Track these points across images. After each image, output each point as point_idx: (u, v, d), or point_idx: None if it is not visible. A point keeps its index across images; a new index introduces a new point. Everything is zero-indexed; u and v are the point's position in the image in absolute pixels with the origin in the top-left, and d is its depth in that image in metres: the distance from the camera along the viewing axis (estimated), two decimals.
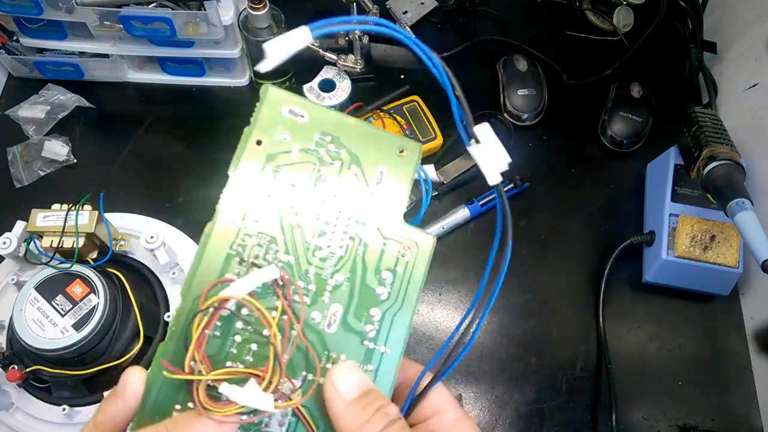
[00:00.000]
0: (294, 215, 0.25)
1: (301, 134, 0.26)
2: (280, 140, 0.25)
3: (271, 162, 0.25)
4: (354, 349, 0.24)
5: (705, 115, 0.61)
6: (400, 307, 0.25)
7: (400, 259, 0.25)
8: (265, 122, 0.26)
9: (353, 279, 0.25)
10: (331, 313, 0.24)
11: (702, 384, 0.62)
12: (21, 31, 0.66)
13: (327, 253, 0.25)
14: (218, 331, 0.23)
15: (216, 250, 0.24)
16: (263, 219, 0.25)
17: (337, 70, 0.70)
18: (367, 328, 0.25)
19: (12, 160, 0.67)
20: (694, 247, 0.60)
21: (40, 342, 0.48)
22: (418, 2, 0.80)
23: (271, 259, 0.24)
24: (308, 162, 0.25)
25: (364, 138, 0.26)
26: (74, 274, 0.51)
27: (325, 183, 0.25)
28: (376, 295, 0.25)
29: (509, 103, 0.73)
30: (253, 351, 0.23)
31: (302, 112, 0.26)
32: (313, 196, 0.25)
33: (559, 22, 0.81)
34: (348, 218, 0.25)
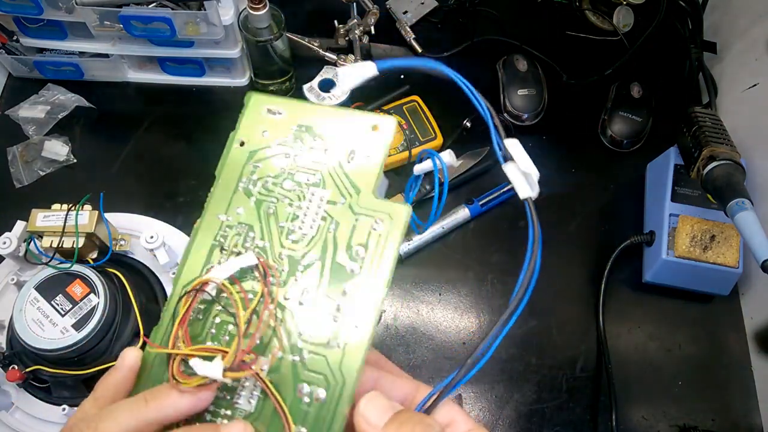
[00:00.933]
0: (270, 203, 0.27)
1: (279, 129, 0.28)
2: (260, 138, 0.28)
3: (252, 159, 0.27)
4: (324, 325, 0.25)
5: (705, 115, 0.61)
6: (372, 281, 0.25)
7: (372, 232, 0.26)
8: (247, 124, 0.28)
9: (324, 257, 0.26)
10: (302, 292, 0.25)
11: (702, 384, 0.62)
12: (21, 31, 0.66)
13: (300, 235, 0.26)
14: (200, 314, 0.25)
15: (202, 242, 0.26)
16: (243, 210, 0.27)
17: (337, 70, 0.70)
18: (337, 304, 0.25)
19: (12, 160, 0.67)
20: (694, 247, 0.60)
21: (40, 342, 0.48)
22: (418, 2, 0.80)
23: (249, 246, 0.26)
24: (285, 153, 0.27)
25: (338, 121, 0.28)
26: (74, 274, 0.51)
27: (300, 171, 0.27)
28: (347, 271, 0.25)
29: (509, 103, 0.73)
30: (229, 331, 0.25)
31: (280, 110, 0.28)
32: (288, 184, 0.27)
33: (559, 22, 0.81)
34: (320, 199, 0.26)
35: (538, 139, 0.73)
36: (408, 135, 0.69)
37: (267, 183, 0.27)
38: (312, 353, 0.24)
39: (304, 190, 0.27)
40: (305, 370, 0.24)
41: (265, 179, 0.27)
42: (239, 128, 0.28)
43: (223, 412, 0.24)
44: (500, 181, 0.68)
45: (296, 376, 0.24)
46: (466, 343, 0.62)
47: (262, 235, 0.26)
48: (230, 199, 0.27)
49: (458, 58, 0.77)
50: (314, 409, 0.24)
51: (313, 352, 0.24)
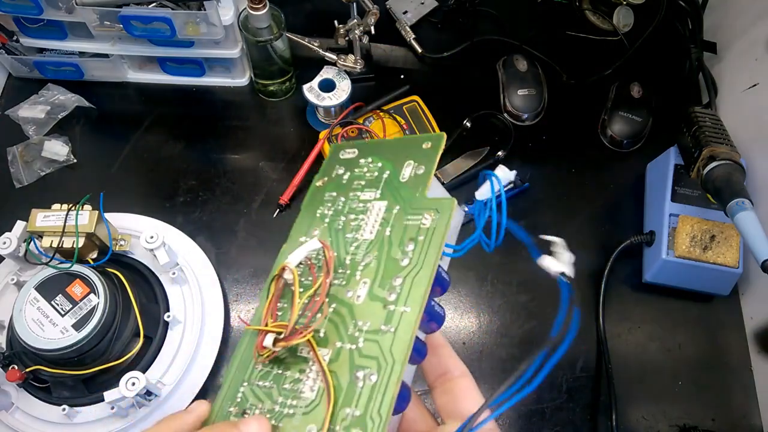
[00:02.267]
0: (340, 220, 0.31)
1: (351, 164, 0.33)
2: (337, 175, 0.33)
3: (329, 190, 0.33)
4: (377, 315, 0.26)
5: (705, 115, 0.61)
6: (420, 269, 0.27)
7: (421, 228, 0.28)
8: (327, 167, 0.34)
9: (380, 256, 0.28)
10: (360, 287, 0.28)
11: (702, 384, 0.62)
12: (21, 31, 0.66)
13: (361, 242, 0.29)
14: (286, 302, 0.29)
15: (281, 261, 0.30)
16: (319, 230, 0.31)
17: (337, 70, 0.70)
18: (389, 294, 0.27)
19: (12, 160, 0.67)
20: (694, 247, 0.60)
21: (40, 342, 0.48)
22: (418, 2, 0.80)
23: (322, 257, 0.30)
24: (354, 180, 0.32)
25: (398, 146, 0.32)
26: (74, 274, 0.51)
27: (365, 190, 0.31)
28: (399, 264, 0.27)
29: (509, 103, 0.73)
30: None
31: (353, 150, 0.34)
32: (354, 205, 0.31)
33: (559, 22, 0.81)
34: (378, 209, 0.30)
35: (538, 139, 0.73)
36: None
37: (338, 206, 0.32)
38: (367, 341, 0.26)
39: (368, 205, 0.31)
40: (360, 356, 0.26)
41: (337, 203, 0.32)
42: (321, 171, 0.34)
43: (289, 402, 0.26)
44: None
45: (352, 363, 0.26)
46: (466, 343, 0.62)
47: (332, 248, 0.30)
48: (309, 224, 0.32)
49: (458, 58, 0.77)
50: (366, 390, 0.25)
51: (368, 339, 0.26)
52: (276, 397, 0.27)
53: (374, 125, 0.69)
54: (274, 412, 0.26)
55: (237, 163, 0.69)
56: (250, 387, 0.28)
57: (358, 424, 0.25)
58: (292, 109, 0.73)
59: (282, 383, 0.27)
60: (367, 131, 0.68)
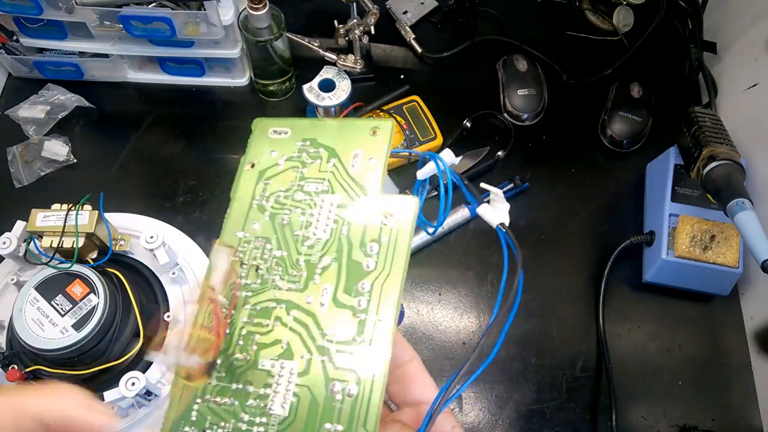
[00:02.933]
0: (284, 215, 0.28)
1: (285, 147, 0.30)
2: (268, 158, 0.30)
3: (263, 177, 0.29)
4: (347, 323, 0.25)
5: (705, 115, 0.61)
6: (389, 274, 0.26)
7: (383, 228, 0.27)
8: (255, 147, 0.30)
9: (340, 258, 0.27)
10: (321, 293, 0.26)
11: (702, 384, 0.62)
12: (21, 31, 0.66)
13: (314, 240, 0.27)
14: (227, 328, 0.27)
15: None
16: (259, 225, 0.28)
17: (337, 70, 0.70)
18: (357, 301, 0.26)
19: (12, 160, 0.67)
20: (694, 247, 0.60)
21: (40, 342, 0.48)
22: (418, 2, 0.80)
23: (267, 257, 0.27)
24: (293, 167, 0.29)
25: (340, 131, 0.29)
26: (74, 274, 0.51)
27: (309, 180, 0.29)
28: (364, 268, 0.26)
29: (509, 103, 0.73)
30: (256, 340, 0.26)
31: (284, 129, 0.30)
32: (298, 196, 0.28)
33: (559, 22, 0.81)
34: (330, 204, 0.28)
35: (538, 139, 0.73)
36: (408, 135, 0.69)
37: (279, 197, 0.29)
38: (339, 351, 0.25)
39: (315, 198, 0.28)
40: (335, 368, 0.25)
41: (277, 194, 0.29)
42: (248, 152, 0.30)
43: (258, 420, 0.25)
44: (500, 181, 0.68)
45: (327, 376, 0.25)
46: (466, 343, 0.62)
47: (279, 245, 0.28)
48: (246, 216, 0.29)
49: (458, 58, 0.77)
50: (347, 405, 0.24)
51: (341, 350, 0.25)
52: (241, 415, 0.25)
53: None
54: (241, 430, 0.25)
55: (237, 163, 0.68)
56: (205, 404, 0.25)
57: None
58: (292, 109, 0.74)
59: (245, 400, 0.25)
60: None
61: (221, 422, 0.25)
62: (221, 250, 0.28)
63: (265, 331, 0.26)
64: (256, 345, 0.26)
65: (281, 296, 0.26)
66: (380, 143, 0.29)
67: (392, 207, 0.27)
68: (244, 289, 0.27)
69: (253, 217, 0.29)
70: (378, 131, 0.29)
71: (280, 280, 0.27)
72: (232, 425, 0.25)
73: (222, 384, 0.25)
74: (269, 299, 0.26)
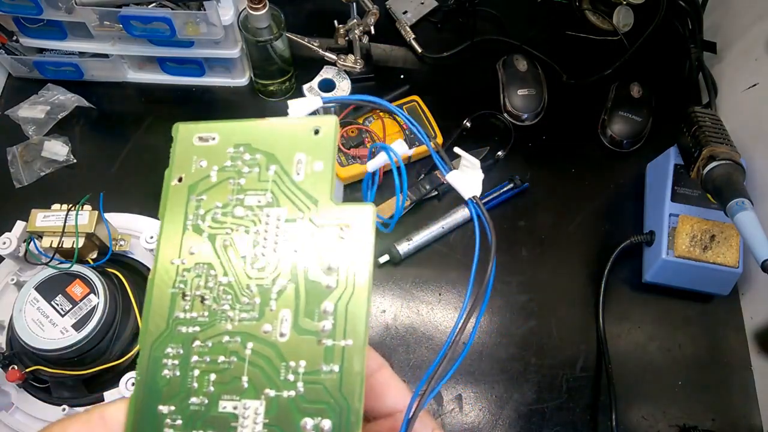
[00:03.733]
0: (225, 234, 0.25)
1: (215, 155, 0.26)
2: (197, 170, 0.26)
3: (194, 192, 0.26)
4: (312, 352, 0.23)
5: (705, 115, 0.61)
6: (353, 291, 0.23)
7: (340, 241, 0.24)
8: (180, 158, 0.27)
9: (296, 278, 0.24)
10: (281, 320, 0.24)
11: (702, 384, 0.62)
12: (21, 31, 0.66)
13: (264, 262, 0.24)
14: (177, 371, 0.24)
15: (161, 294, 0.25)
16: (197, 248, 0.25)
17: (337, 70, 0.70)
18: (321, 325, 0.23)
19: (12, 160, 0.67)
20: (694, 247, 0.60)
21: (40, 342, 0.48)
22: (418, 2, 0.80)
23: (212, 285, 0.25)
24: (228, 179, 0.26)
25: (276, 133, 0.26)
26: (74, 274, 0.51)
27: (248, 193, 0.25)
28: (324, 287, 0.24)
29: (509, 103, 0.73)
30: (212, 380, 0.24)
31: (211, 135, 0.27)
32: (239, 212, 0.25)
33: (559, 22, 0.81)
34: (277, 219, 0.25)
35: (538, 139, 0.73)
36: (408, 135, 0.69)
37: (216, 215, 0.25)
38: (307, 383, 0.23)
39: (258, 213, 0.25)
40: (304, 403, 0.23)
41: (213, 211, 0.25)
42: (173, 164, 0.27)
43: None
44: (500, 181, 0.68)
45: (296, 413, 0.23)
46: (466, 343, 0.62)
47: (224, 271, 0.25)
48: (180, 240, 0.25)
49: (458, 58, 0.77)
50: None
51: (308, 381, 0.23)
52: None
53: (374, 125, 0.69)
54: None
55: None
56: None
57: None
58: None
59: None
60: (367, 131, 0.68)
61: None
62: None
63: (221, 369, 0.23)
64: (213, 386, 0.23)
65: (235, 328, 0.24)
66: (325, 144, 0.25)
67: (348, 218, 0.24)
68: (191, 324, 0.24)
69: (189, 240, 0.25)
70: (321, 130, 0.26)
71: (230, 310, 0.24)
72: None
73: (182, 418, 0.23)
74: (221, 333, 0.24)
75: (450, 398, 0.59)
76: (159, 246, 0.25)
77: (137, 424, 0.23)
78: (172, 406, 0.23)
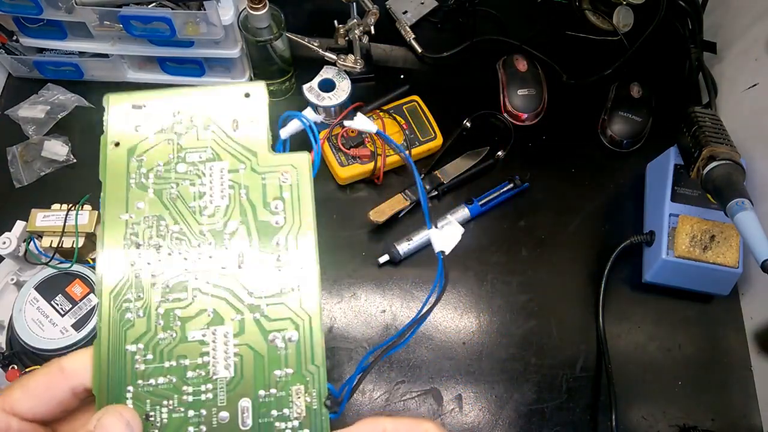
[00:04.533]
0: (170, 188, 0.27)
1: (151, 120, 0.28)
2: (134, 134, 0.28)
3: (134, 154, 0.28)
4: (271, 278, 0.26)
5: (705, 115, 0.61)
6: (300, 225, 0.27)
7: (283, 185, 0.27)
8: (115, 124, 0.29)
9: (246, 220, 0.27)
10: (237, 256, 0.26)
11: (702, 384, 0.62)
12: (21, 31, 0.66)
13: (213, 209, 0.27)
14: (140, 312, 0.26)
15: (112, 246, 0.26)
16: (144, 203, 0.27)
17: (337, 70, 0.70)
18: (275, 257, 0.26)
19: (12, 160, 0.67)
20: (693, 247, 0.60)
21: (40, 342, 0.48)
22: (418, 2, 0.80)
23: (164, 234, 0.27)
24: (166, 140, 0.28)
25: (209, 99, 0.29)
26: (74, 274, 0.51)
27: (188, 150, 0.28)
28: (273, 224, 0.27)
29: (509, 103, 0.73)
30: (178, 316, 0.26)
31: (143, 102, 0.29)
32: (181, 167, 0.28)
33: (559, 22, 0.81)
34: (220, 170, 0.27)
35: (538, 139, 0.73)
36: (408, 135, 0.69)
37: (159, 172, 0.27)
38: (270, 305, 0.26)
39: (201, 167, 0.27)
40: (269, 321, 0.26)
41: (156, 169, 0.27)
42: (107, 131, 0.28)
43: (204, 387, 0.25)
44: (500, 181, 0.68)
45: (264, 330, 0.26)
46: (466, 343, 0.62)
47: (174, 220, 0.27)
48: (126, 197, 0.27)
49: (458, 58, 0.77)
50: (292, 350, 0.25)
51: (271, 303, 0.26)
52: (183, 388, 0.25)
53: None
54: (188, 402, 0.25)
55: None
56: (139, 389, 0.25)
57: (295, 380, 0.25)
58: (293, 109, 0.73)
59: (184, 374, 0.25)
60: None
61: (163, 401, 0.25)
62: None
63: (185, 305, 0.26)
64: (179, 320, 0.26)
65: (192, 267, 0.26)
66: (258, 105, 0.29)
67: (286, 164, 0.28)
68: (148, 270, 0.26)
69: (135, 196, 0.27)
70: (252, 95, 0.29)
71: (186, 252, 0.26)
72: (176, 400, 0.25)
73: (152, 366, 0.25)
74: (179, 273, 0.26)
75: (450, 398, 0.59)
76: (104, 204, 0.27)
77: (106, 366, 0.25)
78: (140, 344, 0.25)
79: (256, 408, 0.25)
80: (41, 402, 0.24)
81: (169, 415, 0.25)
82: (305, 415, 0.25)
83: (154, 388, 0.25)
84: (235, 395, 0.25)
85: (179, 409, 0.25)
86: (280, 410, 0.25)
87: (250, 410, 0.25)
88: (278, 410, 0.25)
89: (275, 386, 0.25)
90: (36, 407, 0.24)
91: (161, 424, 0.25)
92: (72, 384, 0.24)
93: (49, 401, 0.24)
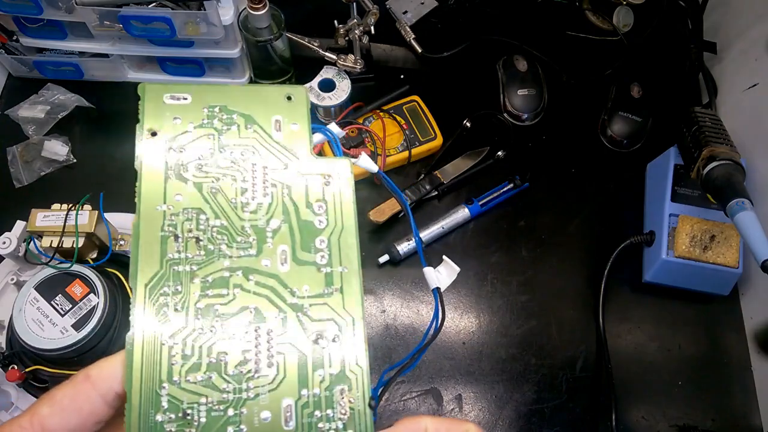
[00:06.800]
0: (211, 183, 0.27)
1: (190, 114, 0.28)
2: (173, 125, 0.28)
3: (173, 145, 0.28)
4: (313, 278, 0.26)
5: (705, 115, 0.61)
6: (343, 227, 0.27)
7: (325, 188, 0.28)
8: (152, 114, 0.28)
9: (289, 219, 0.27)
10: (280, 255, 0.26)
11: (702, 384, 0.62)
12: (21, 30, 0.66)
13: (255, 205, 0.27)
14: (179, 306, 0.25)
15: (148, 237, 0.26)
16: (184, 194, 0.26)
17: (337, 70, 0.70)
18: (318, 256, 0.26)
19: (12, 160, 0.67)
20: (693, 247, 0.60)
21: (40, 342, 0.48)
22: (418, 2, 0.80)
23: (205, 227, 0.26)
24: (207, 134, 0.28)
25: (250, 98, 0.29)
26: (74, 273, 0.51)
27: (229, 147, 0.28)
28: (316, 225, 0.27)
29: (509, 103, 0.73)
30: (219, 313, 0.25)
31: (183, 95, 0.28)
32: (222, 162, 0.27)
33: (559, 22, 0.81)
34: (263, 168, 0.27)
35: (538, 139, 0.73)
36: (408, 135, 0.69)
37: (200, 166, 0.27)
38: (313, 305, 0.26)
39: (242, 164, 0.27)
40: (312, 321, 0.25)
41: (197, 162, 0.27)
42: (144, 119, 0.28)
43: (245, 386, 0.24)
44: (500, 181, 0.68)
45: (306, 330, 0.25)
46: (466, 343, 0.62)
47: (216, 215, 0.26)
48: (164, 188, 0.27)
49: (458, 58, 0.77)
50: (335, 350, 0.25)
51: (314, 303, 0.26)
52: (223, 386, 0.24)
53: (374, 125, 0.69)
54: (228, 401, 0.24)
55: None
56: (175, 386, 0.24)
57: (339, 381, 0.25)
58: None
59: (224, 370, 0.24)
60: (367, 131, 0.68)
61: (201, 398, 0.24)
62: None
63: (226, 301, 0.25)
64: (219, 317, 0.25)
65: (234, 264, 0.26)
66: (299, 109, 0.29)
67: (329, 169, 0.28)
68: (187, 263, 0.25)
69: (173, 188, 0.27)
70: (293, 98, 0.29)
71: (227, 248, 0.26)
72: (216, 398, 0.24)
73: (190, 362, 0.24)
74: (221, 269, 0.25)
75: (450, 398, 0.59)
76: (140, 194, 0.27)
77: (140, 363, 0.24)
78: (177, 339, 0.24)
79: (299, 408, 0.25)
80: (71, 414, 0.23)
81: (207, 414, 0.24)
82: (349, 416, 0.25)
83: (193, 385, 0.24)
84: (278, 394, 0.24)
85: (218, 407, 0.24)
86: (323, 411, 0.25)
87: (294, 410, 0.24)
88: (321, 411, 0.25)
89: (318, 386, 0.25)
90: (66, 421, 0.23)
91: (199, 423, 0.23)
92: (101, 391, 0.23)
93: (79, 413, 0.23)
